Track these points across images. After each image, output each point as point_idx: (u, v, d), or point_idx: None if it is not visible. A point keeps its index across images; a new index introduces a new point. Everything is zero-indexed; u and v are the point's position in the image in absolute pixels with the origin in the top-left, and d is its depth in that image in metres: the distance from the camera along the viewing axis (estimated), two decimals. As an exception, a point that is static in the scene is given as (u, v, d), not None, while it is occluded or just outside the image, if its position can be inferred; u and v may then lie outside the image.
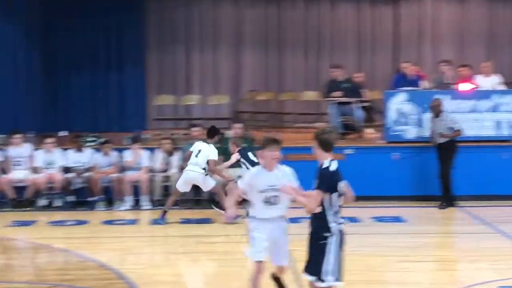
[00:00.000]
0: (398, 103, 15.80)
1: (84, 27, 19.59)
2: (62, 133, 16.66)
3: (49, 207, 15.16)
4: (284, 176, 7.83)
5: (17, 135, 15.48)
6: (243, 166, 13.20)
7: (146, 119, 19.92)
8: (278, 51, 21.10)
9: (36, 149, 15.49)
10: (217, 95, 20.51)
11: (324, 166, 7.19)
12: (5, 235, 12.99)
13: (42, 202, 15.20)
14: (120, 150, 15.57)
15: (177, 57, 20.85)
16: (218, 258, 11.27)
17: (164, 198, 14.77)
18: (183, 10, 20.82)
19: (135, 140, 15.66)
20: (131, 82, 19.99)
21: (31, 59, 18.34)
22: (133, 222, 14.17)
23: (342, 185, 7.26)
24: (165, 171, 15.35)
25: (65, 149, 15.60)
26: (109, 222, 13.91)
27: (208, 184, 13.71)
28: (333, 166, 7.19)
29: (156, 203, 15.13)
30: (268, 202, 7.85)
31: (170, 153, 15.40)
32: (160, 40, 20.73)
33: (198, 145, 13.64)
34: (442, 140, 14.77)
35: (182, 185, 13.68)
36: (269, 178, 7.81)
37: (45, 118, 18.89)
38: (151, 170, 15.36)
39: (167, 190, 15.23)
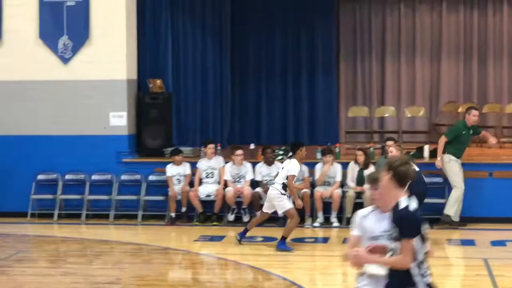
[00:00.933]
0: None
1: (274, 36, 19.73)
2: (251, 146, 16.73)
3: (237, 222, 15.23)
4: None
5: (211, 145, 15.65)
6: None
7: (337, 131, 19.72)
8: (480, 60, 20.30)
9: (226, 162, 15.63)
10: (412, 107, 19.99)
11: (403, 205, 5.90)
12: (194, 250, 13.13)
13: (230, 217, 15.30)
14: (310, 164, 15.40)
15: (371, 66, 20.53)
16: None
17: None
18: (377, 17, 20.48)
19: (326, 153, 15.44)
20: (322, 92, 19.89)
21: (221, 70, 18.62)
22: (323, 240, 13.98)
23: (426, 228, 6.01)
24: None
25: (254, 163, 15.63)
26: (299, 240, 13.76)
27: (282, 206, 13.00)
28: (413, 205, 5.94)
29: (347, 221, 14.84)
30: None
31: (365, 167, 15.03)
32: (354, 48, 20.51)
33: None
34: None
35: (265, 205, 13.33)
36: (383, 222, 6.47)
37: (234, 130, 19.13)
38: (342, 185, 15.11)
39: (359, 207, 14.89)
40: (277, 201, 12.91)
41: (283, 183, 12.79)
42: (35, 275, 11.64)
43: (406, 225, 5.85)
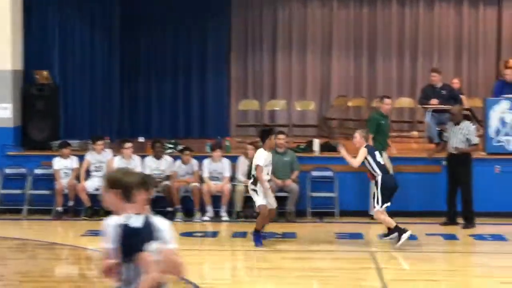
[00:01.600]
0: (501, 112, 15.42)
1: (165, 31, 19.73)
2: (140, 139, 16.77)
3: (126, 216, 15.24)
4: None
5: (100, 141, 15.61)
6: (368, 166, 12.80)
7: (228, 125, 19.93)
8: (370, 55, 20.86)
9: (114, 155, 15.61)
10: (303, 101, 20.38)
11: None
12: (80, 244, 13.10)
13: (119, 211, 15.29)
14: (200, 158, 15.57)
15: (262, 60, 20.80)
16: (304, 274, 11.12)
17: (246, 210, 14.86)
18: (269, 12, 20.77)
19: (216, 147, 15.63)
20: (213, 86, 20.04)
21: (110, 64, 18.55)
22: (213, 234, 14.17)
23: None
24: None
25: (143, 156, 15.68)
26: (188, 234, 13.91)
27: (256, 201, 12.92)
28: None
29: (237, 215, 15.10)
30: None
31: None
32: (245, 43, 20.74)
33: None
34: (455, 151, 14.28)
35: None
36: None
37: (123, 124, 19.09)
38: (231, 180, 15.34)
39: (249, 201, 15.17)
40: (253, 197, 12.91)
41: (253, 176, 12.76)
42: None
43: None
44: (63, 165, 15.43)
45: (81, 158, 15.71)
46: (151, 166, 15.48)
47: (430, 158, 15.21)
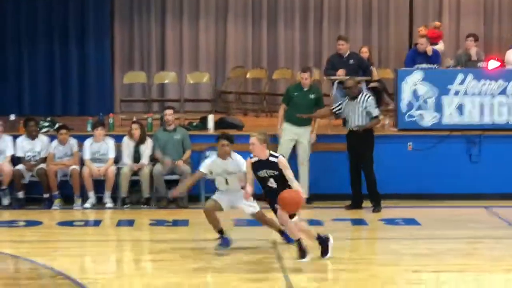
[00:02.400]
0: (413, 84, 15.69)
1: None
2: (11, 117, 16.46)
3: (-6, 204, 15.03)
4: None
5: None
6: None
7: (112, 100, 19.74)
8: (270, 21, 20.95)
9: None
10: (195, 73, 20.33)
11: None
12: None
13: (-14, 198, 15.07)
14: (80, 138, 15.38)
15: (149, 28, 20.66)
16: (197, 266, 11.11)
17: (131, 195, 14.82)
18: (156, -27, 20.63)
19: (98, 125, 15.45)
20: (94, 57, 19.81)
21: None
22: (95, 223, 14.04)
23: None
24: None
25: (15, 136, 15.39)
26: (67, 223, 13.76)
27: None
28: None
29: (122, 201, 15.01)
30: None
31: (140, 141, 15.22)
32: (130, 8, 20.55)
33: None
34: (357, 129, 14.51)
35: None
36: None
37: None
38: (116, 162, 15.21)
39: (135, 185, 15.10)
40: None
41: None
42: None
43: None
44: None
45: None
46: (24, 147, 15.24)
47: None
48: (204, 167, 11.97)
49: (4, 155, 15.17)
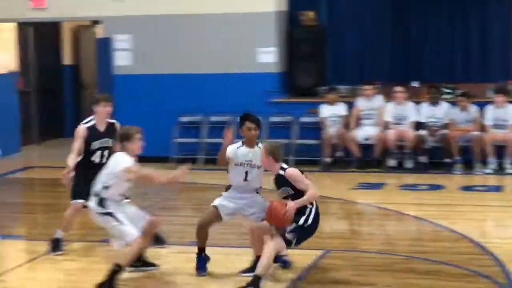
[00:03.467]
0: None
1: None
2: (414, 84, 16.65)
3: (399, 168, 15.30)
4: None
5: (368, 86, 15.74)
6: None
7: (512, 67, 19.26)
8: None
9: (386, 102, 15.65)
10: None
11: None
12: (351, 198, 13.30)
13: (392, 162, 15.38)
14: (481, 104, 15.23)
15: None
16: None
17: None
18: None
19: (499, 91, 15.20)
20: (494, 23, 19.34)
21: (381, 2, 18.28)
22: (496, 188, 13.88)
23: None
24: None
25: (418, 102, 15.59)
26: (468, 188, 13.77)
27: None
28: None
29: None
30: None
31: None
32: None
33: None
34: None
35: None
36: None
37: (394, 68, 18.95)
38: (518, 128, 14.93)
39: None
40: None
41: None
42: (180, 224, 12.06)
43: None
44: (330, 112, 15.69)
45: (350, 104, 15.90)
46: (427, 113, 15.42)
47: None
48: None
49: (407, 121, 15.43)
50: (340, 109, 15.81)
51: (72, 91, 21.42)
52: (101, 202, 9.13)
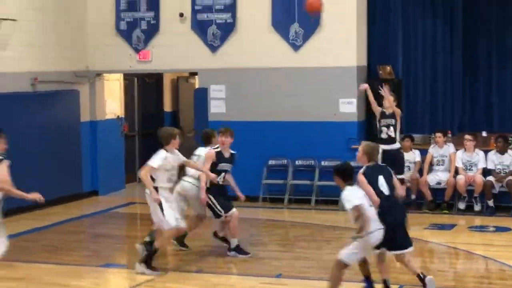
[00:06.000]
0: None
1: (506, 24, 18.69)
2: (483, 133, 16.58)
3: (468, 210, 15.26)
4: None
5: (440, 135, 15.75)
6: None
7: None
8: None
9: (457, 150, 15.64)
10: None
11: None
12: (423, 237, 13.25)
13: (461, 205, 15.34)
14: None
15: None
16: None
17: None
18: None
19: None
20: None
21: (452, 55, 18.01)
22: None
23: None
24: None
25: (486, 151, 15.53)
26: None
27: None
28: None
29: None
30: None
31: None
32: None
33: None
34: None
35: None
36: None
37: (464, 118, 18.81)
38: None
39: None
40: None
41: None
42: (267, 258, 12.11)
43: None
44: (406, 158, 15.64)
45: (423, 151, 15.90)
46: (494, 160, 15.33)
47: None
48: None
49: (476, 167, 15.38)
50: (414, 155, 15.83)
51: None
52: None
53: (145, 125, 20.57)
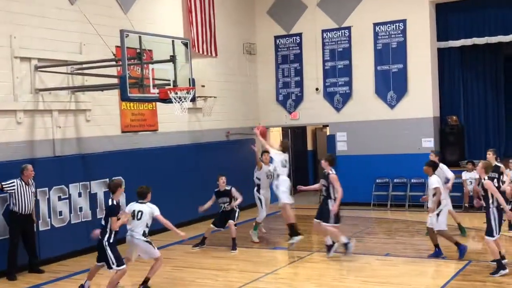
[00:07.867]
0: None
1: None
2: (521, 158, 15.88)
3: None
4: None
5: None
6: None
7: None
8: None
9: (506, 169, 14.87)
10: None
11: None
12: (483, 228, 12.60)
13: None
14: None
15: None
16: None
17: None
18: None
19: None
20: None
21: (498, 104, 17.45)
22: None
23: None
24: None
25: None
26: None
27: None
28: None
29: None
30: None
31: None
32: None
33: None
34: None
35: None
36: None
37: (508, 146, 18.15)
38: None
39: None
40: None
41: None
42: (379, 243, 12.07)
43: None
44: (469, 176, 15.26)
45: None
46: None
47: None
48: None
49: (518, 181, 14.67)
50: (475, 174, 15.36)
51: (313, 166, 21.47)
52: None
53: (296, 160, 20.35)
